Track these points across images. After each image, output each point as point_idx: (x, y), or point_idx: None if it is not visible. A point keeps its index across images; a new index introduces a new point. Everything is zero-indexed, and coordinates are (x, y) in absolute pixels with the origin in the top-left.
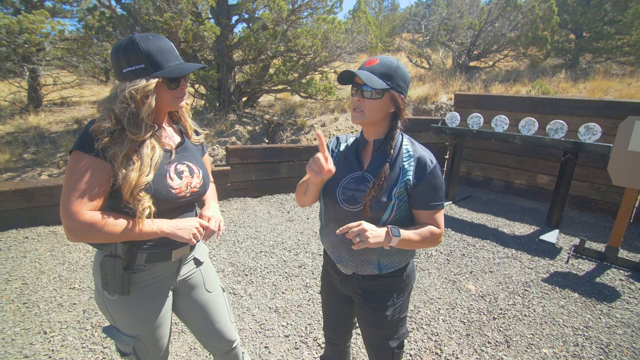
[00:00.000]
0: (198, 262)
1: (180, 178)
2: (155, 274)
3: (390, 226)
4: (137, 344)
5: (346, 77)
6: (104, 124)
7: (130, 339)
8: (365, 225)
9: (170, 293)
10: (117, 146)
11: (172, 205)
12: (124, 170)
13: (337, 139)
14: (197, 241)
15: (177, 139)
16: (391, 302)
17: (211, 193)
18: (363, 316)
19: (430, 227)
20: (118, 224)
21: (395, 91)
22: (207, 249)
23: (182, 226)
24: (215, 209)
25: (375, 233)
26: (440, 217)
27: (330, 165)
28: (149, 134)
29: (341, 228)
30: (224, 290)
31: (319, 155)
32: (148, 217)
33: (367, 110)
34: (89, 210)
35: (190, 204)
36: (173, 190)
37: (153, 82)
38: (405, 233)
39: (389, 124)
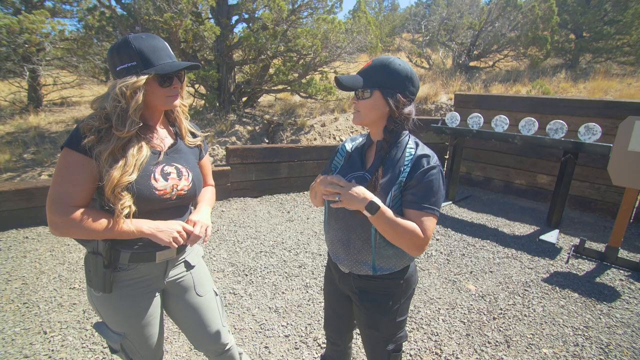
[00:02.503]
0: (189, 266)
1: (166, 180)
2: (141, 274)
3: (375, 200)
4: (125, 342)
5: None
6: (92, 122)
7: (117, 336)
8: (351, 188)
9: (158, 294)
10: (103, 144)
11: (158, 206)
12: (107, 168)
13: (345, 140)
14: (180, 245)
15: (170, 140)
16: (386, 305)
17: (207, 196)
18: (359, 316)
19: (414, 227)
20: (99, 222)
21: (385, 90)
22: (202, 251)
23: (163, 228)
24: (205, 214)
25: (350, 196)
26: (427, 222)
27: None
28: (133, 131)
29: (325, 190)
30: (217, 294)
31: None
32: (127, 216)
33: (361, 110)
34: (72, 206)
35: (179, 207)
36: (156, 192)
37: (143, 78)
38: (385, 213)
39: (385, 124)
